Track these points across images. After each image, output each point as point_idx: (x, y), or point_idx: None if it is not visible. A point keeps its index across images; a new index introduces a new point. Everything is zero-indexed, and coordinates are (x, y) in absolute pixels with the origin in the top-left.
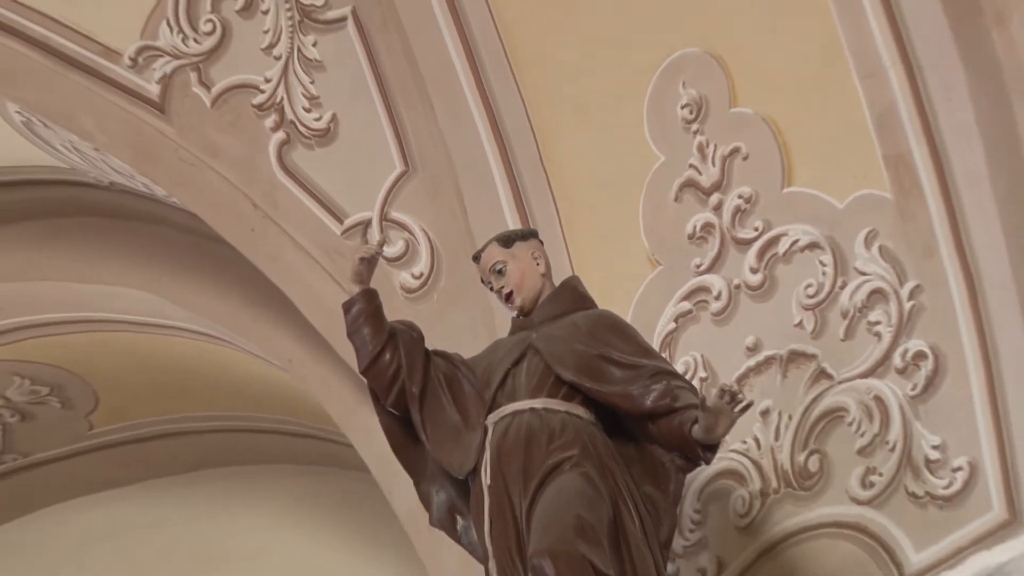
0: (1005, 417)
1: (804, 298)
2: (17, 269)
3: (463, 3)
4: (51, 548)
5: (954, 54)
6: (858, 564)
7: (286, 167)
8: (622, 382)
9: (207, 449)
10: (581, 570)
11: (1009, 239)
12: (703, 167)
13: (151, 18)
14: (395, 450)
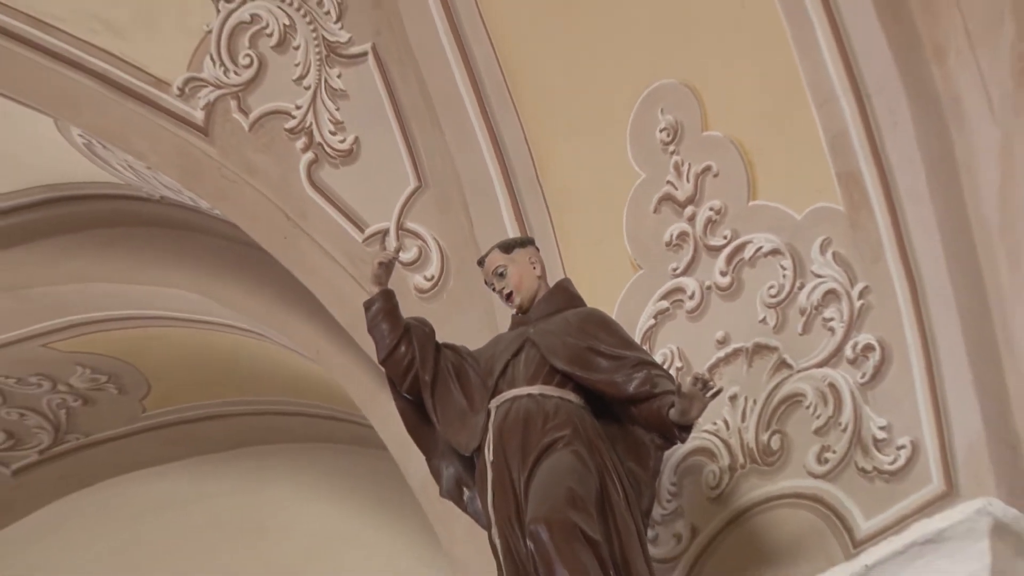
0: (943, 402)
1: (767, 297)
2: (80, 272)
3: (469, 40)
4: (108, 517)
5: (898, 85)
6: (814, 530)
7: (314, 183)
8: (608, 371)
9: (245, 429)
10: (572, 535)
11: (946, 247)
12: (679, 183)
13: (196, 53)
14: (409, 430)
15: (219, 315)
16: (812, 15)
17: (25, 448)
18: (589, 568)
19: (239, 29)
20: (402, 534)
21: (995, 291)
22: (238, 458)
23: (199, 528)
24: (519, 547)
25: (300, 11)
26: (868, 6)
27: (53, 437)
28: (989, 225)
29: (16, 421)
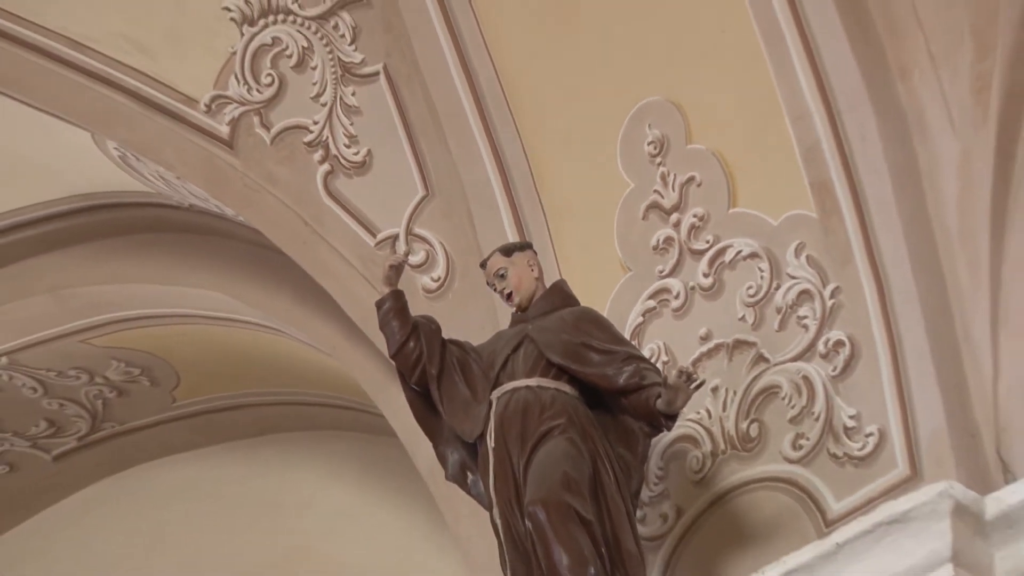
0: (908, 393)
1: (746, 297)
2: (115, 274)
3: (472, 61)
4: (141, 499)
5: (866, 102)
6: (789, 511)
7: (330, 192)
8: (600, 365)
9: (266, 418)
10: (567, 516)
11: (911, 251)
12: (665, 192)
13: (222, 72)
14: (418, 419)
15: (243, 313)
16: (787, 38)
17: (65, 435)
18: (583, 546)
19: (261, 51)
20: (410, 514)
21: (955, 292)
22: (260, 445)
23: (224, 508)
24: (518, 526)
25: (317, 34)
26: (839, 30)
27: (90, 425)
28: (950, 231)
29: (56, 411)
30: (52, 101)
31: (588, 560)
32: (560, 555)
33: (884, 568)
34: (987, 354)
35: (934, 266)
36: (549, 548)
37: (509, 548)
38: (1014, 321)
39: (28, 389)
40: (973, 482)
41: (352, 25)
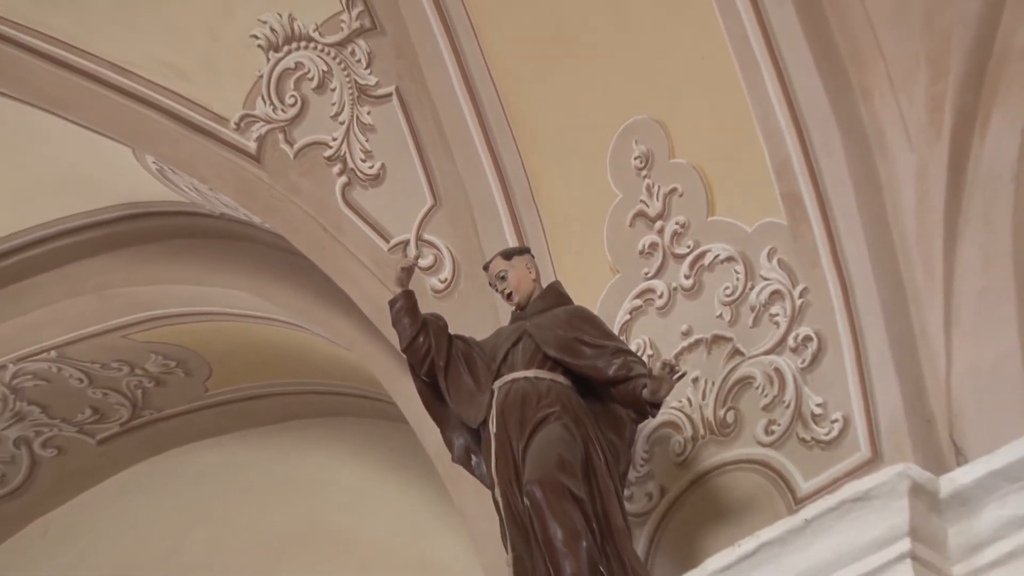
0: (869, 383)
1: (723, 297)
2: (154, 276)
3: (476, 84)
4: (177, 479)
5: (832, 121)
6: (763, 490)
7: (348, 202)
8: (591, 358)
9: (290, 406)
10: (561, 494)
11: (872, 255)
12: (650, 202)
13: (250, 94)
14: (427, 407)
15: (269, 311)
16: (761, 64)
17: (108, 422)
18: (576, 521)
19: (285, 74)
20: (420, 493)
21: (912, 291)
22: (285, 430)
23: (252, 487)
24: (518, 504)
25: (336, 59)
26: (807, 56)
27: (131, 412)
28: (908, 238)
29: (100, 399)
30: (97, 120)
31: (580, 534)
32: (555, 530)
33: (848, 542)
34: (941, 348)
35: (893, 269)
36: (545, 523)
37: (509, 524)
38: (965, 318)
39: (75, 380)
40: (928, 464)
41: (367, 51)
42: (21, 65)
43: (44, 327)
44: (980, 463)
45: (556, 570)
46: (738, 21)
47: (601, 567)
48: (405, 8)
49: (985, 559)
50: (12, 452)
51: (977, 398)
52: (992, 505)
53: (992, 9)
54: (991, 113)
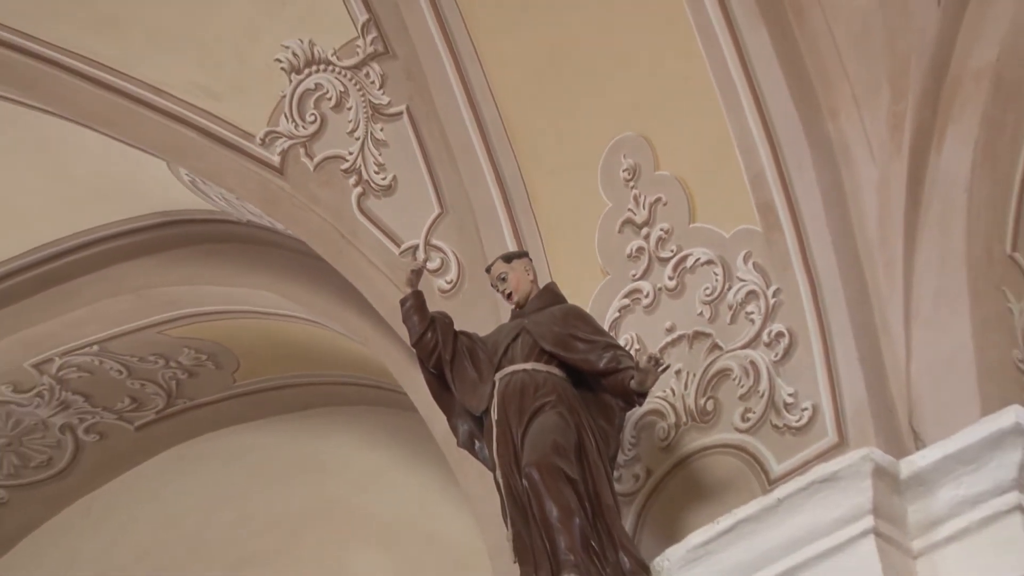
0: (836, 375)
1: (703, 296)
2: (186, 277)
3: (479, 103)
4: (207, 462)
5: (802, 137)
6: (739, 472)
7: (363, 210)
8: (584, 352)
9: (310, 396)
10: (556, 475)
11: (838, 258)
12: (637, 210)
13: (274, 112)
14: (434, 397)
15: (291, 309)
16: (738, 85)
17: (145, 410)
18: (570, 500)
19: (306, 95)
20: (428, 474)
21: (875, 291)
22: (306, 417)
23: (276, 469)
24: (517, 485)
25: (352, 81)
26: (780, 79)
27: (166, 401)
28: (871, 242)
29: (138, 389)
30: (136, 136)
31: (574, 512)
32: (551, 508)
33: (816, 519)
34: (901, 342)
35: (857, 270)
36: (542, 502)
37: (509, 502)
38: (923, 315)
39: (115, 371)
40: (890, 448)
41: (380, 74)
42: (68, 87)
43: (87, 324)
44: (937, 447)
45: (552, 545)
46: (717, 47)
47: (592, 542)
48: (415, 35)
49: (941, 535)
50: (58, 437)
51: (934, 388)
52: (948, 486)
53: (947, 35)
54: (946, 130)
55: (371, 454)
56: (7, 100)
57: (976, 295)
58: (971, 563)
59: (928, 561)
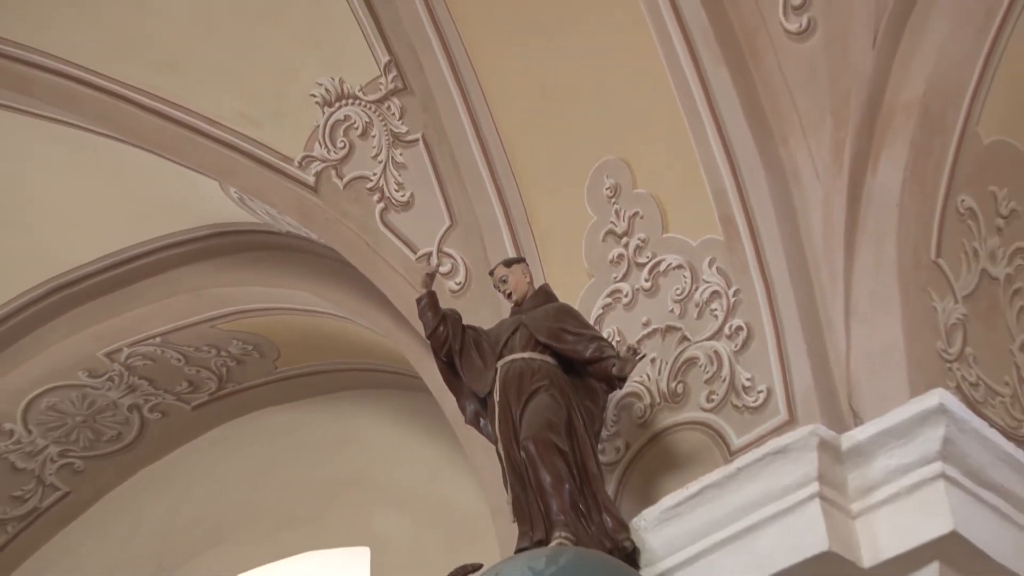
0: (787, 363)
1: (674, 296)
2: (236, 279)
3: (484, 132)
4: (252, 437)
5: (758, 160)
6: (704, 445)
7: (385, 223)
8: (573, 343)
9: (340, 380)
10: (549, 448)
11: (788, 264)
12: (617, 223)
13: (309, 139)
14: (445, 381)
15: (324, 307)
16: (703, 116)
17: (200, 392)
18: (560, 469)
19: (336, 124)
20: (440, 447)
21: (820, 293)
22: (336, 398)
23: (312, 443)
24: (516, 455)
25: (376, 112)
26: (738, 110)
27: (217, 385)
28: (816, 250)
29: (194, 374)
30: (190, 159)
31: (564, 479)
32: (545, 475)
33: (770, 485)
34: (842, 336)
35: (805, 274)
36: (537, 471)
37: (509, 471)
38: (860, 313)
39: (174, 359)
40: (832, 425)
41: (400, 107)
42: (135, 118)
43: (151, 319)
44: (872, 424)
45: (546, 507)
46: (686, 84)
47: (580, 505)
48: (429, 73)
49: (876, 499)
50: (126, 415)
51: (870, 374)
52: (882, 457)
53: (881, 74)
54: (880, 154)
55: (392, 430)
56: (85, 129)
57: (906, 295)
58: (901, 522)
59: (865, 521)
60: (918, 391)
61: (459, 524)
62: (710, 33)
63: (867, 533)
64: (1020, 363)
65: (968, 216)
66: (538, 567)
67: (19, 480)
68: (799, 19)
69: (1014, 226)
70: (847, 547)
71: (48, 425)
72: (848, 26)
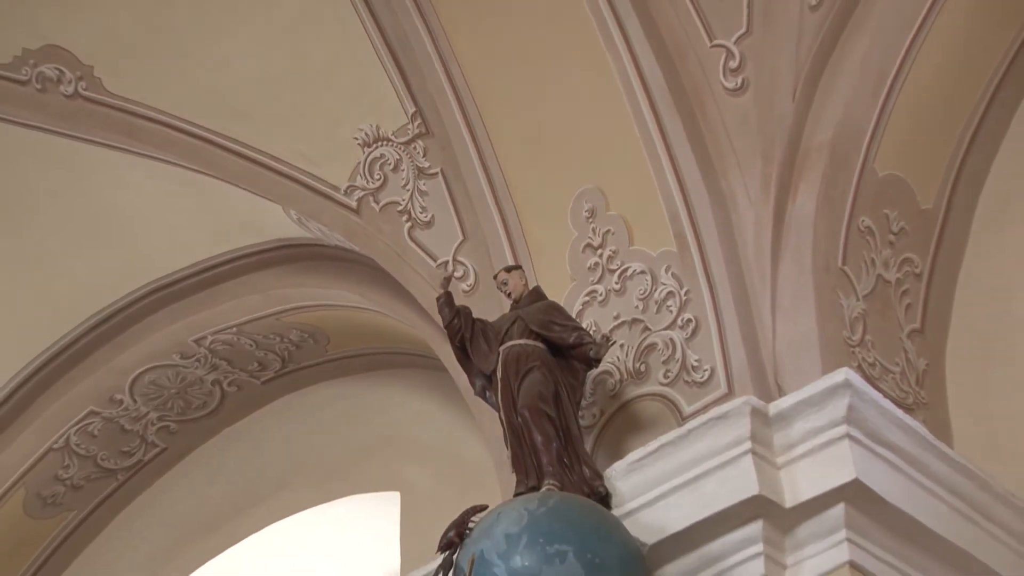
0: (726, 348)
1: (638, 295)
2: (295, 282)
3: (489, 167)
4: (308, 407)
5: (703, 189)
6: (662, 412)
7: (412, 238)
8: (559, 332)
9: (377, 361)
10: (541, 414)
11: (728, 270)
12: (593, 238)
13: (352, 172)
14: (459, 362)
15: (364, 304)
16: (660, 154)
17: (267, 371)
18: (549, 432)
19: (374, 160)
20: (455, 414)
21: (752, 293)
22: (374, 376)
23: (355, 411)
24: (514, 420)
25: (404, 152)
26: (688, 150)
27: (280, 364)
28: (749, 260)
29: (263, 356)
30: (259, 188)
31: (552, 439)
32: (537, 436)
33: (713, 443)
34: (769, 327)
35: (740, 279)
36: (531, 432)
37: (509, 432)
38: (784, 309)
39: (247, 344)
40: (762, 396)
41: (423, 147)
42: (215, 155)
43: (229, 313)
44: (792, 396)
45: (538, 461)
46: (647, 130)
47: (564, 459)
48: (446, 121)
49: (796, 453)
50: (210, 388)
51: (791, 357)
52: (800, 421)
53: (799, 122)
54: (799, 185)
55: (417, 400)
56: (179, 166)
57: (819, 295)
58: (815, 472)
59: (787, 471)
60: (828, 370)
61: (469, 474)
62: (666, 89)
63: (788, 480)
64: (907, 348)
65: (867, 233)
66: (531, 507)
67: (127, 439)
68: (735, 79)
69: (902, 241)
70: (773, 491)
71: (149, 396)
72: (773, 85)
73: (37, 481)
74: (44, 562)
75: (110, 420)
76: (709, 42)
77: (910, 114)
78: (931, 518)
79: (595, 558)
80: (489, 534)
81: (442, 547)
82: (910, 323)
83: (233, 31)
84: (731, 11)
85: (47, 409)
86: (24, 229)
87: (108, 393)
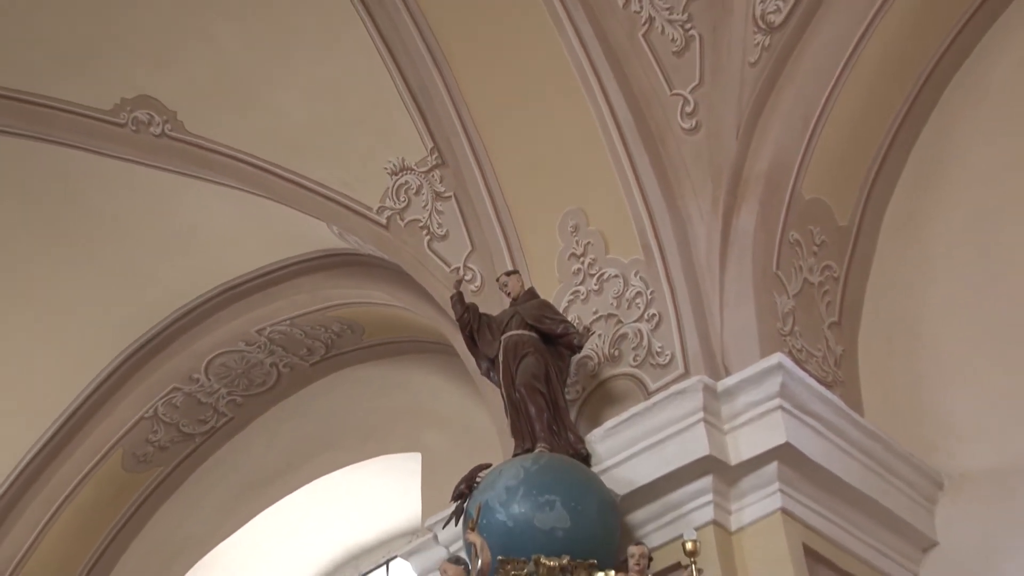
0: (683, 337)
1: (613, 295)
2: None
3: (492, 190)
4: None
5: (665, 210)
6: (630, 389)
7: (431, 249)
8: (550, 324)
9: (402, 347)
10: (534, 390)
11: (684, 274)
12: (577, 249)
13: (383, 196)
14: (468, 348)
15: (392, 302)
16: (631, 181)
17: (314, 355)
18: (541, 404)
19: (400, 186)
20: (465, 390)
21: (704, 292)
22: (401, 359)
23: (385, 387)
24: (513, 395)
25: (425, 179)
26: (653, 179)
27: (325, 350)
28: (702, 266)
29: (310, 343)
30: (307, 208)
31: (544, 410)
32: (531, 408)
33: (673, 414)
34: (717, 319)
35: (695, 281)
36: (527, 404)
37: (509, 405)
38: (730, 305)
39: (298, 333)
40: (712, 375)
41: (440, 175)
42: (271, 181)
43: (284, 309)
44: (736, 375)
45: (532, 429)
46: (620, 162)
47: (553, 427)
48: (458, 154)
49: (740, 421)
50: (268, 369)
51: (735, 344)
52: (743, 396)
53: (741, 155)
54: (742, 207)
55: (435, 378)
56: (242, 190)
57: (758, 294)
58: (754, 436)
59: (732, 436)
60: (765, 354)
61: (477, 439)
62: (635, 129)
63: (733, 443)
64: (828, 337)
65: (796, 245)
66: (527, 465)
67: (202, 410)
68: (691, 121)
69: (824, 251)
70: (721, 452)
71: (220, 375)
72: (720, 126)
73: (131, 443)
74: (138, 507)
75: (189, 395)
76: (669, 91)
77: (829, 149)
78: (847, 473)
79: (578, 506)
80: (493, 487)
81: (455, 497)
82: (830, 317)
83: (287, 83)
84: (687, 67)
85: (139, 386)
86: (120, 243)
87: (188, 373)
